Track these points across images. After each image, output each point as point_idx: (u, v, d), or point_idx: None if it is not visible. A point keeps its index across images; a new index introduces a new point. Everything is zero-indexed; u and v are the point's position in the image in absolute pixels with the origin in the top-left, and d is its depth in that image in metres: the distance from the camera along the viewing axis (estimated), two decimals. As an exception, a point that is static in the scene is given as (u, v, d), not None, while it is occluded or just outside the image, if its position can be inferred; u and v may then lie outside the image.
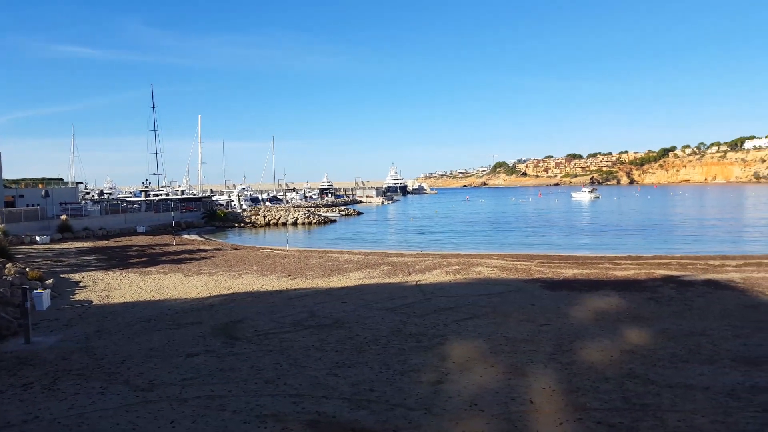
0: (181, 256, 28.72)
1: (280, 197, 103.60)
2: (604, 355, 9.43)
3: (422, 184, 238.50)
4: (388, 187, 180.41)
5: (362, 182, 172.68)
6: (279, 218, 61.49)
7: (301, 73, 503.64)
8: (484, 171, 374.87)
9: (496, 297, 15.47)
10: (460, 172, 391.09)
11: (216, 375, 8.73)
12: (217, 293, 17.14)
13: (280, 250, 33.41)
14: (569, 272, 20.50)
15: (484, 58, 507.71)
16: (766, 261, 24.02)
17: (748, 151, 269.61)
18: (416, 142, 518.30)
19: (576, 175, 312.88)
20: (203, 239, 43.63)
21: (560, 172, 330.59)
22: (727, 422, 6.46)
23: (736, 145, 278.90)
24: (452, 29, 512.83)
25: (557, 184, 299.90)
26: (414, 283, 18.46)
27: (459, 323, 12.16)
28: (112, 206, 52.50)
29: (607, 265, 22.71)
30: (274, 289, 17.85)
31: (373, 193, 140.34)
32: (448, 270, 21.46)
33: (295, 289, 17.58)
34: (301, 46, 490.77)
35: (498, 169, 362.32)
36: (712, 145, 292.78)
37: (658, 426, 6.39)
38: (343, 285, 18.34)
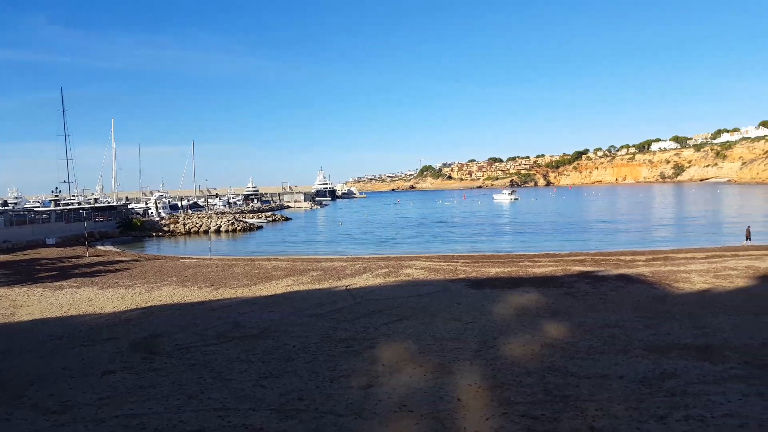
0: (95, 269, 27.13)
1: (201, 204, 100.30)
2: (526, 350, 9.76)
3: (351, 189, 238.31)
4: (317, 191, 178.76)
5: (290, 187, 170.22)
6: (200, 226, 59.51)
7: (222, 74, 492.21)
8: (411, 175, 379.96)
9: (425, 298, 15.67)
10: (388, 176, 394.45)
11: (135, 392, 8.26)
12: (135, 307, 16.31)
13: (202, 259, 32.32)
14: (492, 271, 21.12)
15: (411, 65, 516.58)
16: (672, 255, 25.82)
17: (654, 152, 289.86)
18: (345, 146, 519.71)
19: (497, 178, 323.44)
20: (119, 250, 41.50)
21: (483, 176, 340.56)
22: (640, 408, 6.83)
23: (644, 147, 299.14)
24: (380, 35, 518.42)
25: (480, 187, 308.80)
26: (344, 287, 18.38)
27: (389, 325, 12.21)
28: (17, 217, 48.70)
29: (527, 263, 23.59)
30: (196, 300, 17.20)
31: (302, 198, 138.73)
32: (378, 273, 21.53)
33: (218, 300, 17.03)
34: (220, 47, 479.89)
35: (425, 173, 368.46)
36: (622, 147, 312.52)
37: (578, 416, 6.66)
38: (270, 293, 17.96)
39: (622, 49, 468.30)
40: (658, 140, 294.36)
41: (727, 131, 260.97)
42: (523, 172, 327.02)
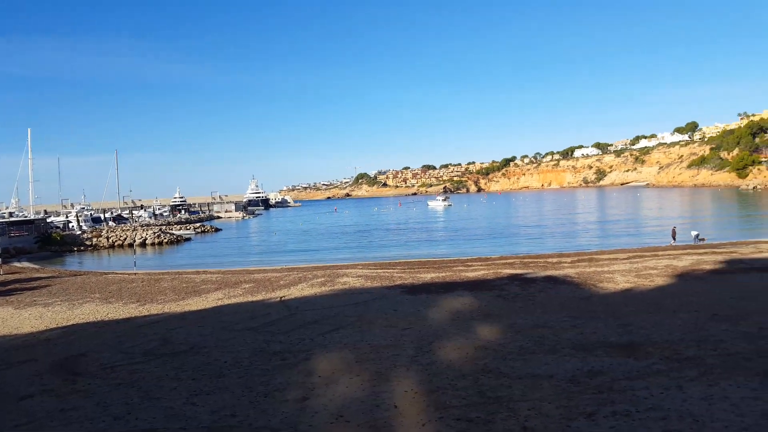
0: (10, 287, 25.34)
1: (125, 216, 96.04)
2: (461, 353, 9.89)
3: (285, 197, 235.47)
4: (249, 200, 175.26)
5: (220, 197, 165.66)
6: (125, 239, 57.00)
7: (147, 81, 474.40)
8: (347, 182, 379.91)
9: (361, 306, 15.62)
10: (323, 184, 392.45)
11: (56, 417, 7.73)
12: (55, 326, 15.32)
13: (127, 274, 30.88)
14: (428, 276, 21.37)
15: (345, 71, 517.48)
16: (596, 257, 27.03)
17: (577, 159, 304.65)
18: (278, 154, 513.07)
19: (431, 185, 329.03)
20: (37, 266, 39.00)
21: (417, 183, 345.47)
22: (569, 406, 7.05)
23: (568, 154, 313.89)
24: (313, 40, 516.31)
25: (415, 194, 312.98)
26: (278, 299, 18.03)
27: (325, 336, 12.06)
28: None
29: (460, 268, 24.05)
30: (120, 317, 16.38)
31: (233, 207, 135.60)
32: (314, 283, 21.29)
33: (145, 316, 16.28)
34: (143, 52, 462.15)
35: (360, 181, 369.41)
36: (547, 154, 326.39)
37: (511, 416, 6.80)
38: (200, 307, 17.36)
39: (546, 59, 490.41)
40: (580, 147, 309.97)
41: (645, 137, 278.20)
42: (455, 178, 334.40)
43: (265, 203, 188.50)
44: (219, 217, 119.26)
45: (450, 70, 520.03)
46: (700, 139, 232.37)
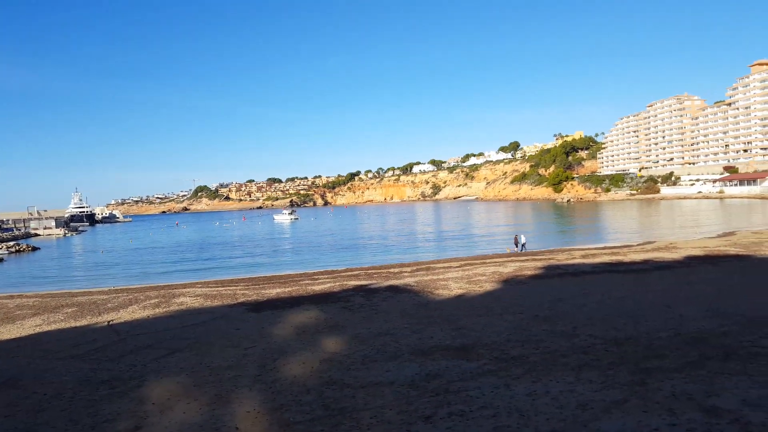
0: None
1: None
2: (306, 367, 9.83)
3: (114, 212, 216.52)
4: (72, 216, 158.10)
5: (38, 212, 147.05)
6: None
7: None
8: (185, 195, 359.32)
9: (200, 327, 14.81)
10: (158, 197, 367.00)
11: None
12: None
13: None
14: (273, 292, 20.96)
15: (180, 80, 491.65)
16: (433, 265, 28.63)
17: (416, 174, 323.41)
18: (106, 166, 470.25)
19: (277, 198, 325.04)
20: None
21: (262, 196, 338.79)
22: (409, 410, 7.33)
23: (407, 169, 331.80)
24: (151, 48, 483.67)
25: (260, 207, 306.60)
26: (105, 323, 16.41)
27: (159, 361, 11.22)
28: None
29: (307, 281, 23.99)
30: None
31: (53, 224, 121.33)
32: (147, 304, 19.73)
33: (-64, 351, 13.81)
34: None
35: (200, 194, 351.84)
36: (389, 170, 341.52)
37: (355, 426, 6.89)
38: (14, 335, 15.21)
39: (388, 81, 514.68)
40: (418, 163, 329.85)
41: (474, 155, 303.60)
42: (302, 192, 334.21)
43: (91, 219, 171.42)
44: (37, 235, 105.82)
45: (287, 84, 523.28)
46: (521, 157, 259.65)
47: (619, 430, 6.21)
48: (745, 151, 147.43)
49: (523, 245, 37.50)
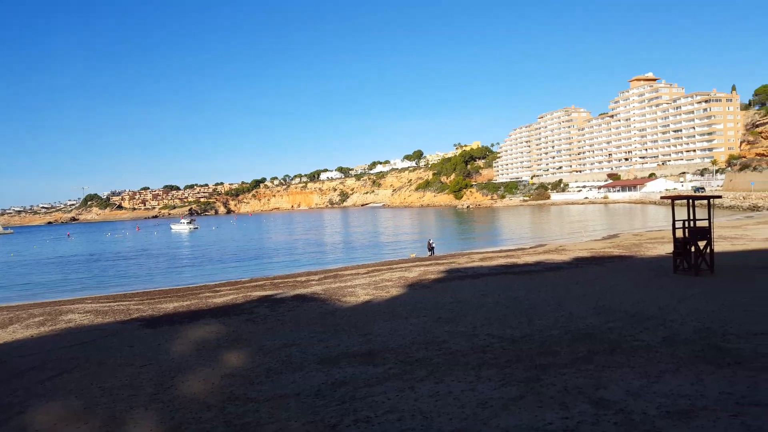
0: None
1: None
2: (206, 384, 9.40)
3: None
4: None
5: None
6: None
7: None
8: (73, 205, 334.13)
9: (90, 345, 13.77)
10: (43, 207, 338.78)
11: None
12: None
13: None
14: (170, 306, 19.93)
15: (62, 81, 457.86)
16: (340, 273, 28.55)
17: (323, 181, 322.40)
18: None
19: (175, 207, 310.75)
20: None
21: (158, 204, 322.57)
22: (315, 421, 7.21)
23: (314, 177, 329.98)
24: (27, 50, 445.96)
25: (156, 216, 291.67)
26: (-23, 346, 14.79)
27: (44, 384, 10.28)
28: None
29: (207, 294, 23.05)
30: None
31: None
32: (30, 323, 18.05)
33: None
34: None
35: (90, 203, 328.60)
36: (296, 177, 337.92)
37: (258, 441, 6.66)
38: None
39: (293, 87, 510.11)
40: (326, 170, 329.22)
41: (381, 163, 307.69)
42: (203, 200, 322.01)
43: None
44: None
45: (193, 91, 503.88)
46: (425, 165, 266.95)
47: (516, 426, 6.47)
48: (626, 159, 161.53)
49: (432, 249, 38.45)
